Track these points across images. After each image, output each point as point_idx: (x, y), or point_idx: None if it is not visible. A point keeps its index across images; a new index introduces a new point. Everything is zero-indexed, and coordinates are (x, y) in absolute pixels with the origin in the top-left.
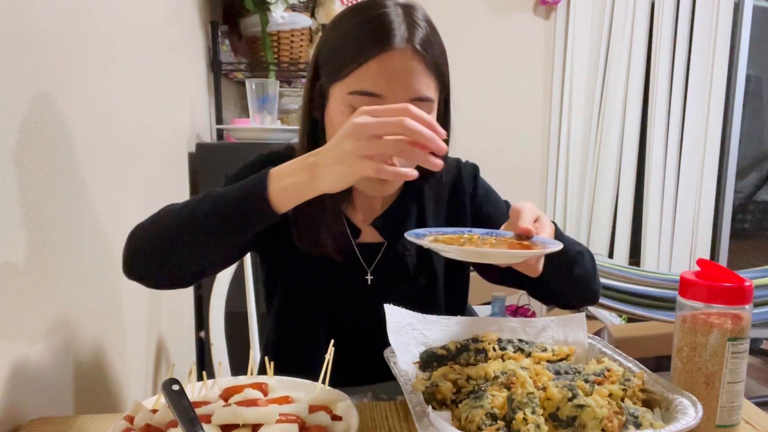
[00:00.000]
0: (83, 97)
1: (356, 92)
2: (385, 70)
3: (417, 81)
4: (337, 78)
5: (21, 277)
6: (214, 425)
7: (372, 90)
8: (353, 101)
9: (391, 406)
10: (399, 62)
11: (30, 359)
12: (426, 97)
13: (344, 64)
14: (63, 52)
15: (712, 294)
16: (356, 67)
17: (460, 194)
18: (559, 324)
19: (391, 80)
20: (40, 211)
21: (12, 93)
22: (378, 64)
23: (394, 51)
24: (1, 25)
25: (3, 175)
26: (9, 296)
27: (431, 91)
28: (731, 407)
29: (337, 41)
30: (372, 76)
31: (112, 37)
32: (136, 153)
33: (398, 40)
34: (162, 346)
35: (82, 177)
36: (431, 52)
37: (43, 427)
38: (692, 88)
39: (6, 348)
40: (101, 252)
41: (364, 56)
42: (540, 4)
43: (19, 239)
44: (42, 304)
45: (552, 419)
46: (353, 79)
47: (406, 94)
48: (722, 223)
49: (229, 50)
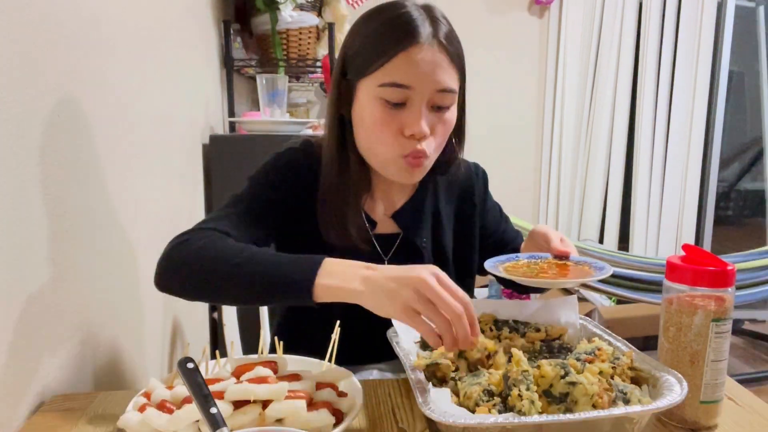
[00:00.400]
0: (103, 91)
1: (386, 84)
2: (413, 63)
3: (443, 73)
4: (365, 73)
5: (44, 262)
6: (227, 401)
7: (402, 82)
8: (383, 93)
9: (393, 383)
10: (427, 55)
11: (53, 340)
12: (451, 88)
13: (373, 59)
14: (83, 49)
15: (697, 277)
16: (386, 61)
17: (471, 195)
18: (552, 306)
19: (420, 72)
20: (62, 199)
21: (35, 87)
22: (407, 57)
23: (422, 45)
24: (24, 24)
25: (27, 166)
26: (32, 281)
27: (455, 83)
28: (715, 384)
29: (363, 40)
30: (401, 68)
31: (130, 35)
32: (154, 144)
33: (424, 36)
34: (177, 327)
35: (102, 167)
36: (454, 46)
37: (66, 403)
38: (678, 83)
39: (30, 329)
40: (120, 239)
41: (393, 51)
42: (534, 3)
43: (42, 226)
44: (64, 288)
45: (545, 395)
46: (383, 72)
47: (434, 85)
48: (706, 211)
49: (240, 47)
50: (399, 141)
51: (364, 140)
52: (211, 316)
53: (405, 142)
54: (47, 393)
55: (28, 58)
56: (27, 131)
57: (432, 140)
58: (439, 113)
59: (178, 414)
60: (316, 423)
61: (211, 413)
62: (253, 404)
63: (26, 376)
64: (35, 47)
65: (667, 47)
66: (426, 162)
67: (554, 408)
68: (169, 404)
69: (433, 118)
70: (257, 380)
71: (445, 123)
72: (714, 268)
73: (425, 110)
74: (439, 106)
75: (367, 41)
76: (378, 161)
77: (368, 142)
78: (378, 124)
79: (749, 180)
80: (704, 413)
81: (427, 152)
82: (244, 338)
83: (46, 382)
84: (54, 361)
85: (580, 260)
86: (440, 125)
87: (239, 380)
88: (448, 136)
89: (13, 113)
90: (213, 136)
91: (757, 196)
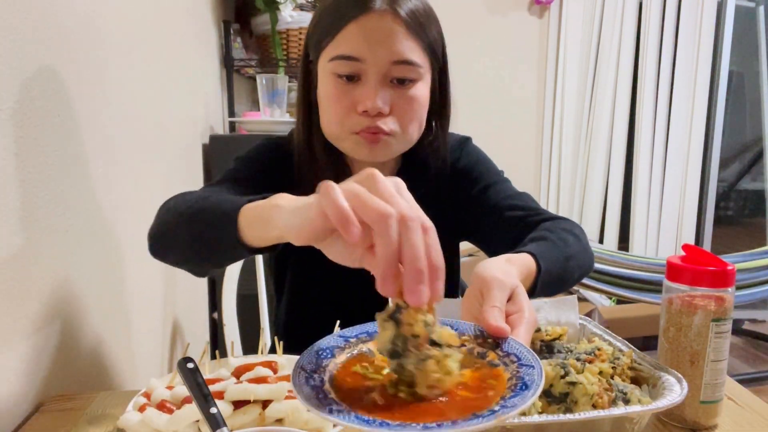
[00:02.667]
0: (103, 91)
1: (336, 57)
2: (363, 32)
3: (398, 43)
4: (320, 50)
5: (44, 261)
6: (227, 401)
7: (351, 53)
8: (334, 67)
9: None
10: (378, 23)
11: (52, 339)
12: (410, 59)
13: (325, 33)
14: (84, 49)
15: (697, 277)
16: (336, 33)
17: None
18: (552, 305)
19: (371, 42)
20: (62, 199)
21: (35, 87)
22: (357, 26)
23: (374, 12)
24: (24, 23)
25: (27, 165)
26: (33, 279)
27: (416, 55)
28: (715, 384)
29: (318, 16)
30: (351, 39)
31: (130, 34)
32: (154, 144)
33: (378, 3)
34: (177, 327)
35: (102, 167)
36: (417, 20)
37: (65, 402)
38: (678, 83)
39: (30, 328)
40: (120, 238)
41: (343, 21)
42: (534, 3)
43: (42, 226)
44: (63, 287)
45: (545, 395)
46: (333, 45)
47: (388, 56)
48: (706, 211)
49: (240, 47)
50: (351, 117)
51: (323, 120)
52: (211, 316)
53: (358, 119)
54: (47, 393)
55: (27, 58)
56: (27, 131)
57: (392, 118)
58: (401, 88)
59: (178, 414)
60: (316, 423)
61: (211, 413)
62: (253, 404)
63: (26, 376)
64: (35, 47)
65: (667, 47)
66: (390, 139)
67: (554, 408)
68: (169, 404)
69: (392, 94)
70: (257, 380)
71: (410, 100)
72: (714, 268)
73: (381, 84)
74: (399, 80)
75: (321, 16)
76: (335, 140)
77: (325, 121)
78: (331, 100)
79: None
80: (704, 413)
81: (386, 129)
82: (244, 338)
83: (45, 382)
84: (54, 361)
85: (511, 353)
86: (402, 101)
87: (239, 380)
88: (417, 116)
89: (12, 113)
90: (213, 136)
91: (757, 196)
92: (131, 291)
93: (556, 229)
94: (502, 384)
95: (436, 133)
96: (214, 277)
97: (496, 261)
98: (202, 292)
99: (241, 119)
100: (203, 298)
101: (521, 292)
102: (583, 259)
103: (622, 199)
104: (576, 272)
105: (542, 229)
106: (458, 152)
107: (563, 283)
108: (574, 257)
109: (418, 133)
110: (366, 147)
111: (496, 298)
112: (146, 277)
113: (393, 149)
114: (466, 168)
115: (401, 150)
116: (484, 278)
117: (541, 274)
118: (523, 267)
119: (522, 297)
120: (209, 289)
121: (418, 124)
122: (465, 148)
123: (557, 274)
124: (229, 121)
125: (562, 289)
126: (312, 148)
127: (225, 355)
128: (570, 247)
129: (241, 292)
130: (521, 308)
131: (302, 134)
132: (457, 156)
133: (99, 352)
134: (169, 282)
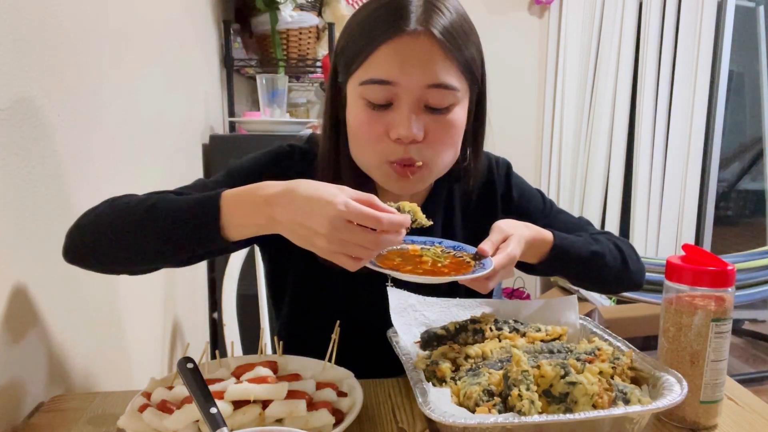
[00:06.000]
0: (103, 91)
1: (367, 81)
2: (396, 55)
3: (434, 65)
4: (350, 72)
5: (43, 262)
6: (227, 401)
7: (383, 77)
8: (365, 92)
9: (393, 383)
10: (412, 45)
11: (52, 339)
12: (447, 83)
13: (356, 55)
14: (84, 49)
15: (697, 277)
16: (367, 55)
17: (491, 194)
18: (552, 306)
19: (404, 65)
20: (62, 200)
21: (34, 87)
22: (389, 49)
23: (408, 34)
24: (24, 23)
25: (27, 166)
26: (32, 280)
27: (454, 79)
28: (715, 384)
29: (348, 35)
30: (383, 62)
31: (130, 34)
32: (154, 144)
33: (413, 23)
34: (177, 327)
35: (101, 167)
36: (454, 39)
37: (65, 403)
38: (678, 83)
39: (29, 329)
40: None
41: (376, 43)
42: (534, 3)
43: (42, 225)
44: (62, 288)
45: (545, 395)
46: (364, 68)
47: (423, 79)
48: (706, 211)
49: (240, 47)
50: (384, 145)
51: (352, 146)
52: (211, 316)
53: (391, 147)
54: (47, 393)
55: (27, 58)
56: (26, 131)
57: (426, 146)
58: (436, 115)
59: (178, 414)
60: (316, 423)
61: (211, 413)
62: (253, 404)
63: (26, 376)
64: (35, 47)
65: (667, 47)
66: (423, 173)
67: (554, 408)
68: (169, 404)
69: (427, 120)
70: (257, 380)
71: (446, 126)
72: (714, 268)
73: (415, 110)
74: (433, 107)
75: (351, 36)
76: (365, 168)
77: (354, 147)
78: (361, 126)
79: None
80: (704, 413)
81: (417, 160)
82: (244, 338)
83: (45, 382)
84: (53, 361)
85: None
86: (437, 128)
87: (239, 380)
88: (453, 142)
89: (12, 113)
90: (213, 136)
91: (757, 196)
92: (131, 291)
93: (602, 238)
94: (469, 269)
95: (468, 157)
96: (214, 277)
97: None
98: (202, 292)
99: (241, 119)
100: (203, 298)
101: (513, 238)
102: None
103: (622, 199)
104: (603, 271)
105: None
106: (504, 181)
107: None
108: (601, 256)
109: (452, 161)
110: (396, 181)
111: (493, 236)
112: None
113: (425, 182)
114: (520, 202)
115: (433, 179)
116: (494, 226)
117: (554, 248)
118: (536, 233)
119: (512, 240)
120: (209, 289)
121: (454, 151)
122: (512, 179)
123: (575, 258)
124: (229, 121)
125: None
126: (338, 169)
127: (225, 355)
128: (601, 246)
129: (241, 292)
130: (507, 245)
131: (328, 152)
132: (505, 187)
133: (99, 352)
134: (169, 282)
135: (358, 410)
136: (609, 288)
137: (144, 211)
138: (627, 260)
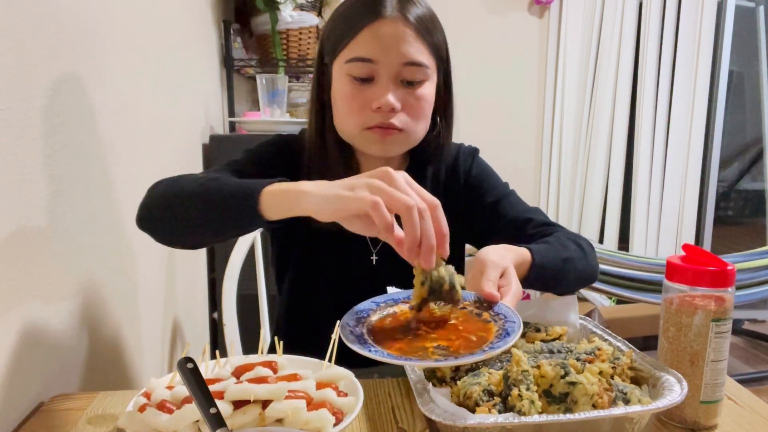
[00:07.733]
0: (103, 91)
1: (352, 59)
2: (376, 37)
3: (408, 46)
4: (336, 53)
5: (45, 262)
6: (227, 401)
7: (366, 55)
8: (350, 69)
9: (393, 384)
10: (390, 28)
11: (53, 339)
12: (418, 61)
13: (341, 38)
14: (83, 49)
15: (697, 277)
16: (352, 37)
17: (456, 176)
18: (552, 306)
19: (383, 45)
20: (64, 198)
21: (35, 87)
22: (370, 31)
23: (385, 19)
24: (24, 24)
25: (29, 165)
26: (33, 280)
27: (424, 57)
28: (715, 384)
29: (334, 22)
30: (365, 43)
31: (130, 34)
32: (154, 144)
33: (389, 10)
34: (177, 327)
35: (101, 167)
36: (424, 26)
37: (65, 402)
38: (678, 83)
39: (29, 329)
40: (120, 237)
41: (358, 27)
42: (534, 3)
43: (43, 225)
44: (63, 287)
45: (545, 395)
46: (349, 49)
47: (399, 58)
48: (706, 210)
49: (240, 47)
50: (366, 114)
51: (337, 118)
52: (211, 316)
53: (371, 115)
54: (47, 393)
55: (27, 58)
56: (27, 131)
57: (404, 115)
58: (410, 88)
59: (178, 414)
60: (316, 423)
61: (211, 413)
62: (253, 404)
63: (26, 375)
64: (35, 47)
65: (667, 47)
66: (401, 136)
67: (554, 408)
68: (169, 404)
69: (403, 93)
70: (257, 380)
71: (419, 99)
72: (714, 268)
73: (393, 84)
74: (409, 81)
75: (337, 22)
76: (349, 136)
77: (339, 118)
78: (346, 99)
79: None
80: (704, 413)
81: (397, 125)
82: (244, 338)
83: (45, 382)
84: (53, 361)
85: (500, 313)
86: (412, 100)
87: (239, 380)
88: (425, 113)
89: (12, 113)
90: (213, 136)
91: (757, 196)
92: (131, 291)
93: (562, 237)
94: (492, 334)
95: (439, 130)
96: (214, 277)
97: (494, 248)
98: (202, 292)
99: (241, 119)
100: (203, 298)
101: (511, 271)
102: (583, 266)
103: (622, 199)
104: (572, 274)
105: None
106: (470, 161)
107: (558, 281)
108: (571, 261)
109: (424, 130)
110: (378, 142)
111: (491, 274)
112: (146, 277)
113: (402, 144)
114: (479, 177)
115: (410, 145)
116: (483, 260)
117: (534, 267)
118: (518, 256)
119: (511, 274)
120: (209, 289)
121: (425, 121)
122: (476, 159)
123: (552, 270)
124: (229, 121)
125: (559, 287)
126: (324, 144)
127: (225, 355)
128: (569, 251)
129: (241, 292)
130: (510, 282)
131: (315, 131)
132: (469, 165)
133: (99, 352)
134: (169, 282)
135: (358, 410)
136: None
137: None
138: (587, 257)
